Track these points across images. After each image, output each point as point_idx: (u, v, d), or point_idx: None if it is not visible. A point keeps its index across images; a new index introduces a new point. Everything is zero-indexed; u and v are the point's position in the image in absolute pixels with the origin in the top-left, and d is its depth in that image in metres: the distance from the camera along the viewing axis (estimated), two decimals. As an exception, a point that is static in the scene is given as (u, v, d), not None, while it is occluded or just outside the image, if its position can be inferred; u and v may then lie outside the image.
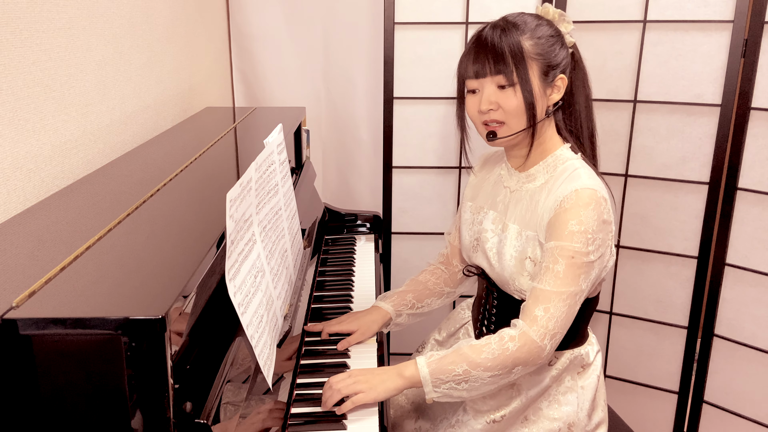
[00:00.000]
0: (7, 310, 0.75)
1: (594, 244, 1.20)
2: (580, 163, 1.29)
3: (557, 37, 1.28)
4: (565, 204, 1.21)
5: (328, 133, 2.57)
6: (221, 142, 1.58)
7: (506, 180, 1.38)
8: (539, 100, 1.26)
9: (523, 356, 1.19)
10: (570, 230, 1.19)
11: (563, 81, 1.28)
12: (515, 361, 1.19)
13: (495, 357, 1.18)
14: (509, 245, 1.30)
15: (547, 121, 1.31)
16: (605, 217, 1.22)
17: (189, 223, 1.06)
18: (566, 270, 1.20)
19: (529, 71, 1.24)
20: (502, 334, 1.21)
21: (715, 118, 1.95)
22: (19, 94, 1.15)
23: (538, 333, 1.19)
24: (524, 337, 1.19)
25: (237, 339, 1.02)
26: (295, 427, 1.15)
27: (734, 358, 2.05)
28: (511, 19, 1.28)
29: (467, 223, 1.44)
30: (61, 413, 0.76)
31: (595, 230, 1.20)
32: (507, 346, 1.18)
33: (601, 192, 1.23)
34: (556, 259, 1.20)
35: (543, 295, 1.20)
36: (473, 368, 1.18)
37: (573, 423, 1.32)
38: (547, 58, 1.25)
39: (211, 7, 2.27)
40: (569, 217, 1.20)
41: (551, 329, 1.19)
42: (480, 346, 1.20)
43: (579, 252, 1.19)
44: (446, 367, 1.19)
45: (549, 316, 1.19)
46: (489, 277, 1.39)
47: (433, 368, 1.19)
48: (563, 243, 1.20)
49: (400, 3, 2.11)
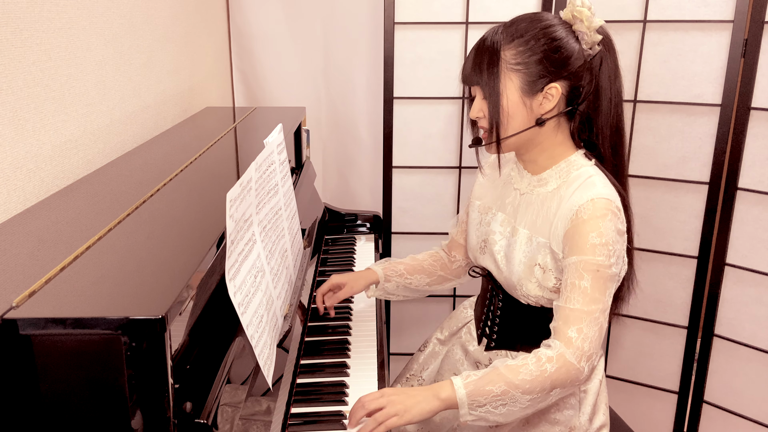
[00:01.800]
0: (7, 310, 0.75)
1: (615, 255, 1.18)
2: (594, 170, 1.25)
3: (560, 41, 1.20)
4: (582, 214, 1.18)
5: (328, 133, 2.57)
6: (221, 142, 1.58)
7: (516, 182, 1.35)
8: (517, 112, 1.22)
9: (561, 378, 1.15)
10: (591, 243, 1.16)
11: (557, 90, 1.20)
12: (553, 383, 1.14)
13: (533, 378, 1.13)
14: (519, 250, 1.28)
15: (549, 129, 1.25)
16: (620, 227, 1.19)
17: (189, 223, 1.06)
18: (593, 285, 1.16)
19: (503, 83, 1.20)
20: (539, 355, 1.16)
21: (715, 118, 1.95)
22: (19, 94, 1.15)
23: (575, 355, 1.15)
24: (562, 359, 1.15)
25: (237, 339, 1.02)
26: (295, 427, 1.15)
27: (734, 358, 2.05)
28: (509, 23, 1.24)
29: (474, 224, 1.42)
30: (61, 413, 0.76)
31: (614, 241, 1.17)
32: (545, 368, 1.14)
33: (616, 202, 1.20)
34: (581, 275, 1.16)
35: (573, 315, 1.16)
36: (512, 389, 1.13)
37: (574, 427, 1.31)
38: (533, 68, 1.19)
39: (211, 7, 2.27)
40: (589, 229, 1.17)
41: (587, 351, 1.16)
42: (517, 366, 1.15)
43: (603, 265, 1.16)
44: (484, 388, 1.13)
45: (583, 337, 1.15)
46: (495, 279, 1.38)
47: (470, 390, 1.14)
48: (586, 257, 1.16)
49: (400, 3, 2.11)
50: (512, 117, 1.23)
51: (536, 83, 1.21)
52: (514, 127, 1.24)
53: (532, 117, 1.24)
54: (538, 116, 1.23)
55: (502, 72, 1.21)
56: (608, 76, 1.24)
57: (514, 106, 1.22)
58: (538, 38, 1.20)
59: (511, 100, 1.22)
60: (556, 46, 1.20)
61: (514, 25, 1.23)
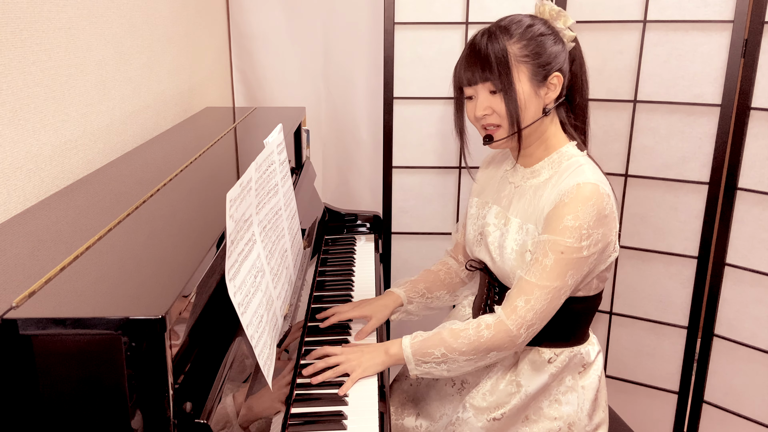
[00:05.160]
0: (7, 310, 0.75)
1: (590, 239, 1.22)
2: (585, 159, 1.31)
3: (550, 35, 1.29)
4: (565, 198, 1.23)
5: (328, 133, 2.56)
6: (221, 142, 1.58)
7: (511, 176, 1.41)
8: (530, 102, 1.28)
9: (496, 343, 1.25)
10: (564, 225, 1.21)
11: (558, 79, 1.29)
12: (489, 348, 1.25)
13: (470, 343, 1.25)
14: (510, 239, 1.32)
15: (548, 119, 1.33)
16: (606, 212, 1.23)
17: (189, 223, 1.06)
18: (554, 264, 1.22)
19: (516, 76, 1.26)
20: (479, 321, 1.27)
21: (715, 118, 1.95)
22: (19, 94, 1.15)
23: (516, 322, 1.24)
24: (500, 326, 1.24)
25: (237, 339, 1.02)
26: (295, 427, 1.15)
27: (734, 358, 2.05)
28: (502, 23, 1.31)
29: (472, 218, 1.47)
30: (61, 413, 0.76)
31: (592, 225, 1.21)
32: (482, 334, 1.25)
33: (604, 187, 1.24)
34: (546, 253, 1.23)
35: (527, 286, 1.24)
36: (450, 352, 1.26)
37: (573, 423, 1.32)
38: (538, 59, 1.27)
39: (211, 7, 2.27)
40: (567, 211, 1.22)
41: (529, 320, 1.24)
42: (458, 331, 1.27)
43: (570, 248, 1.21)
44: (427, 350, 1.28)
45: (529, 307, 1.23)
46: (491, 271, 1.40)
47: (415, 349, 1.28)
48: (555, 237, 1.22)
49: (400, 3, 2.11)
50: (527, 108, 1.28)
51: (541, 73, 1.28)
52: (529, 117, 1.29)
53: (541, 107, 1.30)
54: (544, 106, 1.31)
55: (513, 65, 1.26)
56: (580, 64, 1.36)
57: (528, 97, 1.28)
58: (533, 33, 1.28)
59: (525, 92, 1.27)
60: (549, 39, 1.29)
61: (503, 25, 1.30)
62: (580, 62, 1.36)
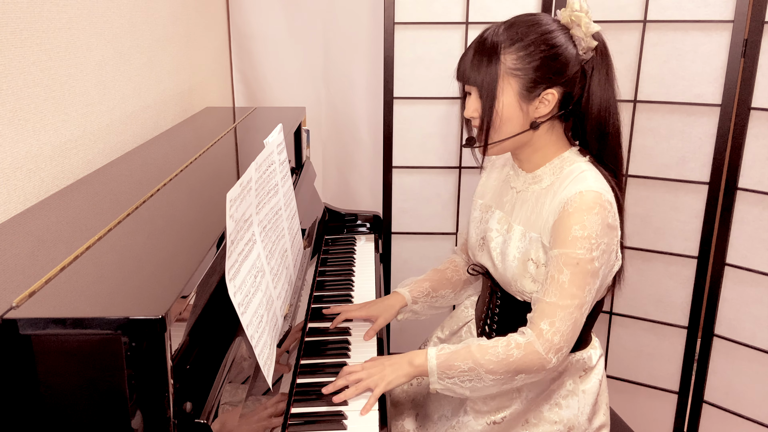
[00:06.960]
0: (7, 310, 0.75)
1: (599, 249, 1.18)
2: (587, 165, 1.25)
3: (559, 48, 1.20)
4: (568, 207, 1.19)
5: (328, 133, 2.57)
6: (221, 142, 1.58)
7: (513, 180, 1.37)
8: (513, 115, 1.23)
9: (526, 365, 1.19)
10: (573, 236, 1.17)
11: (553, 96, 1.21)
12: (518, 369, 1.19)
13: (499, 361, 1.19)
14: (513, 246, 1.29)
15: (542, 131, 1.26)
16: (610, 221, 1.20)
17: (189, 223, 1.06)
18: (571, 280, 1.18)
19: (501, 87, 1.21)
20: (509, 340, 1.21)
21: (715, 118, 1.95)
22: (19, 94, 1.15)
23: (544, 346, 1.18)
24: (530, 347, 1.19)
25: (237, 339, 1.02)
26: (295, 427, 1.15)
27: (734, 358, 2.05)
28: (510, 26, 1.23)
29: (475, 221, 1.44)
30: (61, 413, 0.76)
31: (600, 234, 1.18)
32: (512, 353, 1.19)
33: (606, 195, 1.20)
34: (560, 269, 1.19)
35: (548, 308, 1.19)
36: (478, 367, 1.20)
37: (573, 426, 1.31)
38: (532, 74, 1.20)
39: (211, 7, 2.27)
40: (573, 221, 1.18)
41: (557, 344, 1.19)
42: (487, 347, 1.21)
43: (583, 258, 1.17)
44: (453, 363, 1.21)
45: (554, 330, 1.18)
46: (493, 277, 1.39)
47: (441, 361, 1.22)
48: (566, 250, 1.18)
49: (400, 3, 2.11)
50: (508, 120, 1.23)
51: (534, 89, 1.21)
52: (510, 130, 1.24)
53: (528, 120, 1.25)
54: (533, 120, 1.25)
55: (501, 76, 1.21)
56: (599, 82, 1.24)
57: (510, 110, 1.22)
58: (537, 44, 1.20)
59: (507, 104, 1.22)
60: (555, 53, 1.20)
61: (513, 27, 1.22)
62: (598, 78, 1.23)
